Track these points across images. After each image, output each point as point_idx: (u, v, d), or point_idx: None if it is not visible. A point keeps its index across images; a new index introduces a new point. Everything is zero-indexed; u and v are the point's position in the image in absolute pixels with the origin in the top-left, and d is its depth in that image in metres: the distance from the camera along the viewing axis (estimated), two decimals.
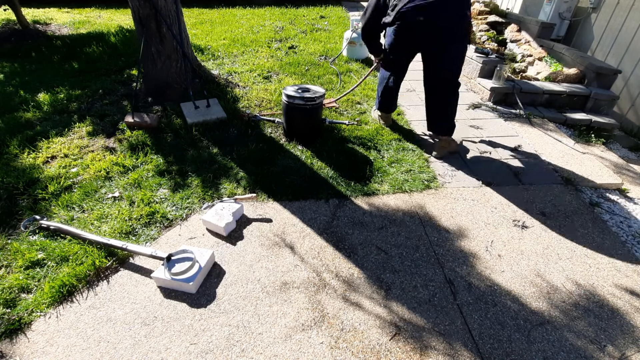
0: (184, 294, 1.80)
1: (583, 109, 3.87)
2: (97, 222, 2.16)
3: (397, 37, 2.72)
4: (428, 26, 2.53)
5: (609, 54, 4.81)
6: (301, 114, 2.85)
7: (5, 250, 1.97)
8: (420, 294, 1.83)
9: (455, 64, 2.70)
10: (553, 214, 2.41)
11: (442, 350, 1.60)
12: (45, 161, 2.68)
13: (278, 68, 4.37)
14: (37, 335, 1.61)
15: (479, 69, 4.10)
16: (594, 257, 2.11)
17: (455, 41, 2.59)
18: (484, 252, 2.09)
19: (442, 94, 2.82)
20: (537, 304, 1.82)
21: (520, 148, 3.11)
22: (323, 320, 1.70)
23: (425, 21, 2.50)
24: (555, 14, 5.28)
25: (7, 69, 4.21)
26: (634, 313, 1.81)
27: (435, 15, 2.47)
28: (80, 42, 4.94)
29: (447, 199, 2.48)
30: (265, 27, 6.13)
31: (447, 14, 2.48)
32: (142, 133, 2.97)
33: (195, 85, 3.65)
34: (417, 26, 2.55)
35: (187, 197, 2.38)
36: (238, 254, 2.02)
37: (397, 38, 2.73)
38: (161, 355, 1.54)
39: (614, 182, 2.76)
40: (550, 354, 1.60)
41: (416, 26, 2.56)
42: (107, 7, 7.44)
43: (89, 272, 1.85)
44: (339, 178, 2.60)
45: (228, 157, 2.76)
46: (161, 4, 3.14)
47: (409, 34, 2.66)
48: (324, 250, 2.05)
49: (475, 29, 5.40)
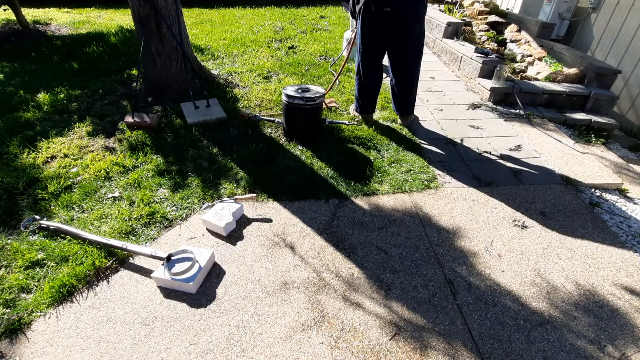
0: (184, 294, 1.80)
1: (583, 109, 3.87)
2: (97, 222, 2.16)
3: (366, 26, 2.84)
4: (394, 15, 2.71)
5: (609, 54, 4.81)
6: (301, 114, 2.85)
7: (5, 250, 1.97)
8: (420, 294, 1.83)
9: (419, 49, 2.95)
10: (553, 214, 2.41)
11: (442, 350, 1.60)
12: (45, 161, 2.68)
13: (278, 68, 4.37)
14: (37, 335, 1.61)
15: (478, 69, 4.10)
16: (594, 257, 2.11)
17: (416, 26, 2.80)
18: (484, 252, 2.09)
19: (409, 80, 3.07)
20: (537, 304, 1.82)
21: (520, 148, 3.11)
22: (323, 320, 1.70)
23: (392, 11, 2.69)
24: (555, 14, 5.29)
25: (7, 68, 4.21)
26: (634, 313, 1.81)
27: (400, 4, 2.66)
28: (80, 42, 4.94)
29: (447, 199, 2.48)
30: (265, 27, 6.13)
31: (410, 2, 2.69)
32: (142, 133, 2.97)
33: (195, 85, 3.65)
34: (384, 15, 2.72)
35: (187, 197, 2.38)
36: (238, 254, 2.02)
37: (365, 27, 2.84)
38: (161, 355, 1.54)
39: (614, 182, 2.77)
40: (550, 354, 1.60)
41: (383, 15, 2.72)
42: (107, 7, 7.44)
43: (89, 272, 1.85)
44: (339, 178, 2.60)
45: (228, 157, 2.76)
46: (161, 4, 3.14)
47: (376, 22, 2.79)
48: (324, 250, 2.05)
49: (475, 29, 5.40)
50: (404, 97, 3.17)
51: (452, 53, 4.76)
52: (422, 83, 4.25)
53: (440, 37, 5.12)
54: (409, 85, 3.10)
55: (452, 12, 5.90)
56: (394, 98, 3.24)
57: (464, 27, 5.10)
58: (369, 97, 3.17)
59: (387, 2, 2.64)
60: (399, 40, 2.85)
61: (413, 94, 3.17)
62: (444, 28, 5.02)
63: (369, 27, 2.82)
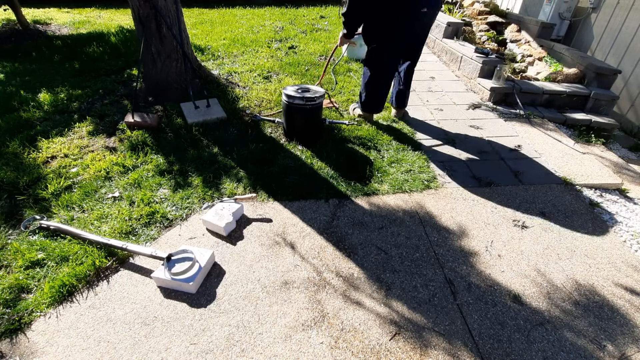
0: (184, 294, 1.80)
1: (583, 109, 3.87)
2: (97, 222, 2.16)
3: (402, 29, 2.76)
4: (427, 15, 2.71)
5: (609, 54, 4.81)
6: (301, 114, 2.85)
7: (5, 250, 1.97)
8: (420, 294, 1.83)
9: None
10: (553, 214, 2.41)
11: (442, 350, 1.60)
12: (45, 161, 2.68)
13: (278, 68, 4.37)
14: (37, 335, 1.61)
15: (478, 69, 4.10)
16: (594, 257, 2.11)
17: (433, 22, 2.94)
18: (484, 252, 2.09)
19: (410, 77, 3.21)
20: (537, 303, 1.82)
21: (520, 148, 3.11)
22: (323, 320, 1.70)
23: (427, 11, 2.68)
24: (555, 14, 5.29)
25: (7, 68, 4.21)
26: (634, 313, 1.81)
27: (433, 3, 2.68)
28: (81, 42, 4.94)
29: (447, 199, 2.48)
30: (265, 27, 6.13)
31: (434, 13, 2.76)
32: (142, 133, 2.97)
33: (195, 85, 3.65)
34: (420, 16, 2.70)
35: (187, 197, 2.38)
36: (238, 254, 2.02)
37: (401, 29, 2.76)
38: (161, 355, 1.54)
39: (614, 182, 2.77)
40: (550, 354, 1.60)
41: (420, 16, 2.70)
42: (107, 7, 7.44)
43: (89, 272, 1.85)
44: (339, 178, 2.60)
45: (228, 157, 2.76)
46: (161, 3, 3.15)
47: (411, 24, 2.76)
48: (324, 250, 2.05)
49: (475, 29, 5.40)
50: (407, 90, 3.27)
51: (452, 53, 4.76)
52: (422, 83, 4.26)
53: (440, 37, 5.12)
54: (411, 79, 3.23)
55: (452, 12, 5.90)
56: (398, 92, 3.29)
57: (464, 27, 5.10)
58: (384, 99, 3.17)
59: (424, 2, 2.59)
60: (422, 38, 2.95)
61: (409, 89, 3.33)
62: (444, 28, 5.02)
63: (404, 30, 2.73)
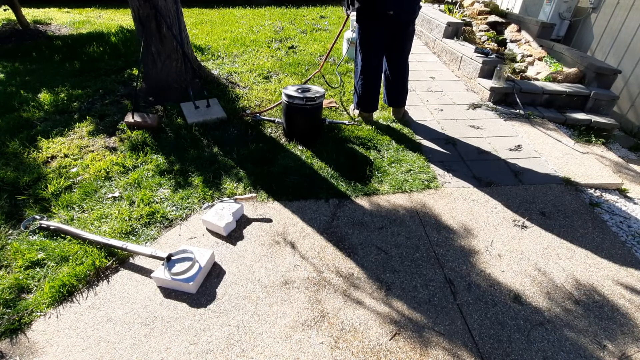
0: (184, 294, 1.80)
1: (583, 109, 3.87)
2: (97, 222, 2.16)
3: (368, 27, 2.92)
4: (395, 17, 2.82)
5: (609, 53, 4.81)
6: (301, 114, 2.85)
7: (5, 250, 1.97)
8: (420, 294, 1.83)
9: (411, 43, 3.14)
10: (553, 214, 2.41)
11: (442, 350, 1.60)
12: (45, 161, 2.68)
13: (278, 68, 4.37)
14: (37, 335, 1.61)
15: (478, 69, 4.10)
16: (594, 257, 2.11)
17: (412, 25, 2.98)
18: (484, 252, 2.09)
19: (403, 72, 3.20)
20: (537, 303, 1.82)
21: (520, 148, 3.11)
22: (323, 320, 1.70)
23: (394, 14, 2.79)
24: (555, 14, 5.29)
25: (7, 68, 4.21)
26: (634, 312, 1.81)
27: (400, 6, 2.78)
28: (81, 42, 4.94)
29: (447, 199, 2.48)
30: (265, 27, 6.13)
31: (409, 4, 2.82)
32: (142, 133, 2.97)
33: (195, 85, 3.65)
34: (386, 17, 2.82)
35: (187, 197, 2.38)
36: (238, 254, 2.02)
37: (367, 28, 2.92)
38: (161, 355, 1.54)
39: (614, 182, 2.76)
40: (550, 353, 1.60)
41: (385, 17, 2.82)
42: (107, 7, 7.45)
43: (89, 272, 1.85)
44: (339, 178, 2.60)
45: (228, 157, 2.76)
46: (161, 3, 3.15)
47: (378, 24, 2.87)
48: (324, 250, 2.05)
49: (475, 29, 5.40)
50: (399, 85, 3.27)
51: (452, 53, 4.75)
52: (422, 83, 4.26)
53: (440, 37, 5.12)
54: (402, 75, 3.23)
55: (452, 12, 5.90)
56: (390, 89, 3.31)
57: (464, 27, 5.10)
58: (374, 94, 3.21)
59: (390, 5, 2.74)
60: (398, 37, 2.98)
61: (406, 84, 3.30)
62: (444, 28, 5.02)
63: (371, 28, 2.89)
